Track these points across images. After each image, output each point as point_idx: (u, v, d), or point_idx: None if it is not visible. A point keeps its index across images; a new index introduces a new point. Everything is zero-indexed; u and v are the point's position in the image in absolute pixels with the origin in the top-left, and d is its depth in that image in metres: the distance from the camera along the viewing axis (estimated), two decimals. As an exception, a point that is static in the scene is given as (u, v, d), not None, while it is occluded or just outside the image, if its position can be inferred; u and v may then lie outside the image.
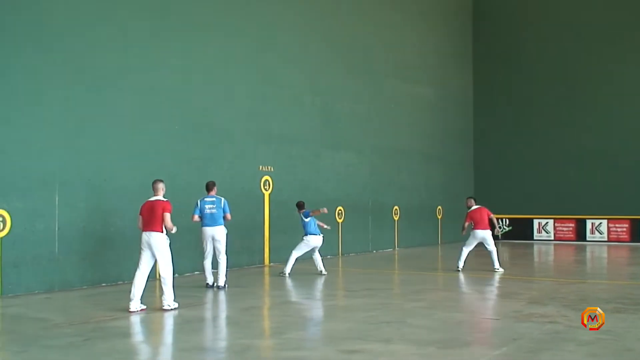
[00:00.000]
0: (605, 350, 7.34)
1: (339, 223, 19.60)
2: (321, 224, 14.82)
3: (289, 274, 14.40)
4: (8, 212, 11.29)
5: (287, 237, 17.32)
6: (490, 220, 15.54)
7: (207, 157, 15.26)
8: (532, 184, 27.10)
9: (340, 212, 19.61)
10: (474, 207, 15.62)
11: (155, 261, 10.04)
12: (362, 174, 21.00)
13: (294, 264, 14.52)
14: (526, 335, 8.12)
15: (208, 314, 9.99)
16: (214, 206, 12.27)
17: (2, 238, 11.15)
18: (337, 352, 7.32)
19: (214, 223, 12.26)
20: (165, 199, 10.19)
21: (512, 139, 27.81)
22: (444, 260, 19.47)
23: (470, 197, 16.24)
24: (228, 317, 9.74)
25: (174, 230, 9.98)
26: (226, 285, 12.32)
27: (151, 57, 14.12)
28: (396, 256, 20.53)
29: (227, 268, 12.42)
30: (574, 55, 26.87)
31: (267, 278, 14.84)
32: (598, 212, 25.55)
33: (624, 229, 25.12)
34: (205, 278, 12.66)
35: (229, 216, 12.40)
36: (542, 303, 10.65)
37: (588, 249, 23.21)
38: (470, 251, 15.62)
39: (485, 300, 10.99)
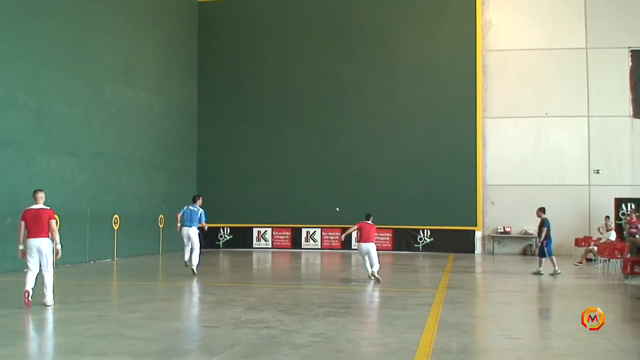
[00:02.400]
0: (317, 353, 7.71)
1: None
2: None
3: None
4: None
5: (-5, 247, 16.03)
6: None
7: None
8: (251, 193, 27.86)
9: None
10: (363, 221, 15.91)
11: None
12: (79, 180, 20.03)
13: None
14: (243, 341, 8.27)
15: None
16: None
17: None
18: (47, 370, 6.85)
19: None
20: (48, 207, 11.26)
21: (233, 149, 28.41)
22: (164, 269, 19.26)
23: (367, 214, 16.31)
24: None
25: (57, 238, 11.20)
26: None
27: None
28: (115, 266, 19.89)
29: None
30: (292, 69, 28.18)
31: (-32, 292, 13.53)
32: (312, 222, 27.04)
33: (337, 237, 26.78)
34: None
35: None
36: (259, 309, 10.95)
37: (303, 256, 24.42)
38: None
39: (204, 308, 11.04)
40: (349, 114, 27.60)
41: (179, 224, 16.83)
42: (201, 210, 16.75)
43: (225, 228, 28.07)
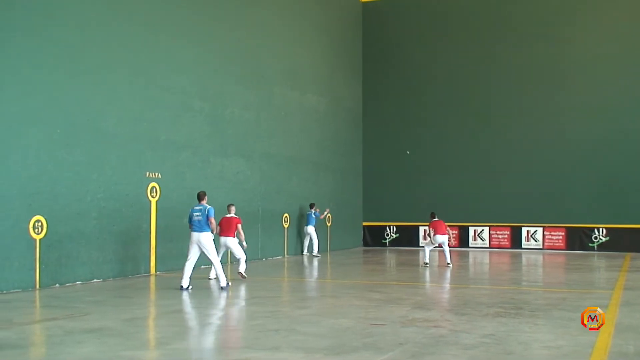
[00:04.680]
0: (487, 354, 7.54)
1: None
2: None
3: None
4: None
5: (174, 245, 17.01)
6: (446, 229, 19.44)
7: (89, 163, 14.70)
8: (417, 192, 27.75)
9: (229, 219, 19.40)
10: (434, 219, 19.43)
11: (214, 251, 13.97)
12: (251, 181, 20.89)
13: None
14: (411, 340, 8.26)
15: (90, 325, 9.60)
16: (200, 214, 13.55)
17: None
18: (224, 361, 7.19)
19: (200, 229, 13.51)
20: (237, 216, 15.20)
21: (398, 148, 28.43)
22: (332, 267, 19.63)
23: (432, 212, 19.95)
24: (111, 328, 9.36)
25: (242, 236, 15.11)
26: (229, 284, 13.79)
27: (31, 57, 13.48)
28: (285, 264, 20.53)
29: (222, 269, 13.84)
30: (458, 65, 27.77)
31: (152, 287, 14.48)
32: (481, 220, 26.54)
33: (506, 236, 26.26)
34: (181, 280, 13.53)
35: (212, 220, 13.51)
36: (426, 308, 10.90)
37: (471, 255, 23.99)
38: (430, 250, 19.64)
39: (372, 306, 11.13)
40: (518, 109, 26.77)
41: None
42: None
43: (391, 226, 28.18)
